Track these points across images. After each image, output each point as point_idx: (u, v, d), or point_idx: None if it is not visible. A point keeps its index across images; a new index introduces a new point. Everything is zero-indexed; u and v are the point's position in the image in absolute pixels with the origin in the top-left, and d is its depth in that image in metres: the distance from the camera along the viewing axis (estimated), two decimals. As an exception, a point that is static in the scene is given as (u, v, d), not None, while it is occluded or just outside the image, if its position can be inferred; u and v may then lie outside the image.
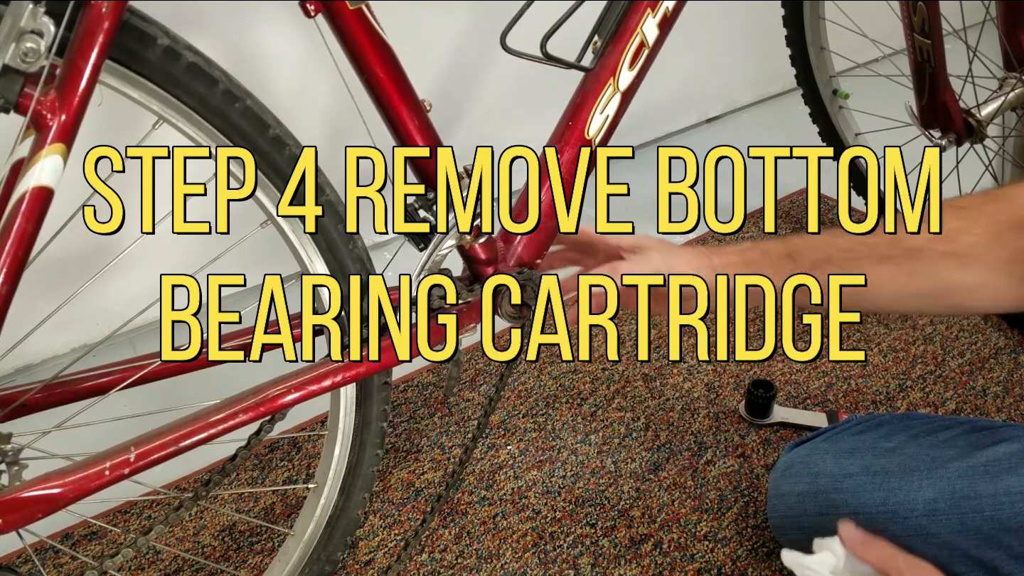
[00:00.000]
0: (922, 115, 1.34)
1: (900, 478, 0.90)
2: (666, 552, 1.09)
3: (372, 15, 0.79)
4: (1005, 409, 1.27)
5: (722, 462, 1.20)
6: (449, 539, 1.12)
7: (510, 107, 1.64)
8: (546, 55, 0.92)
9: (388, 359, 0.90)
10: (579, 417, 1.27)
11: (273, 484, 1.20)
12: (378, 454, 0.99)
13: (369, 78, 0.83)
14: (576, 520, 1.14)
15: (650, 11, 0.97)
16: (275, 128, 0.79)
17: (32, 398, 0.83)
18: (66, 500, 0.74)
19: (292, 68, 1.38)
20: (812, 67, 1.50)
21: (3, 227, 0.65)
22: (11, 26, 0.61)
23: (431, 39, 1.49)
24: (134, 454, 0.77)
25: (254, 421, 0.83)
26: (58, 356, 1.38)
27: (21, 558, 1.10)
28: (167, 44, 0.70)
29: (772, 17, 1.49)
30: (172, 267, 1.27)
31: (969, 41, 1.31)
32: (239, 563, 1.10)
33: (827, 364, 1.34)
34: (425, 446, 1.25)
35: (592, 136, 0.98)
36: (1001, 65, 1.31)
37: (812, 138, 1.60)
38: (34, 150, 0.64)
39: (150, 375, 0.87)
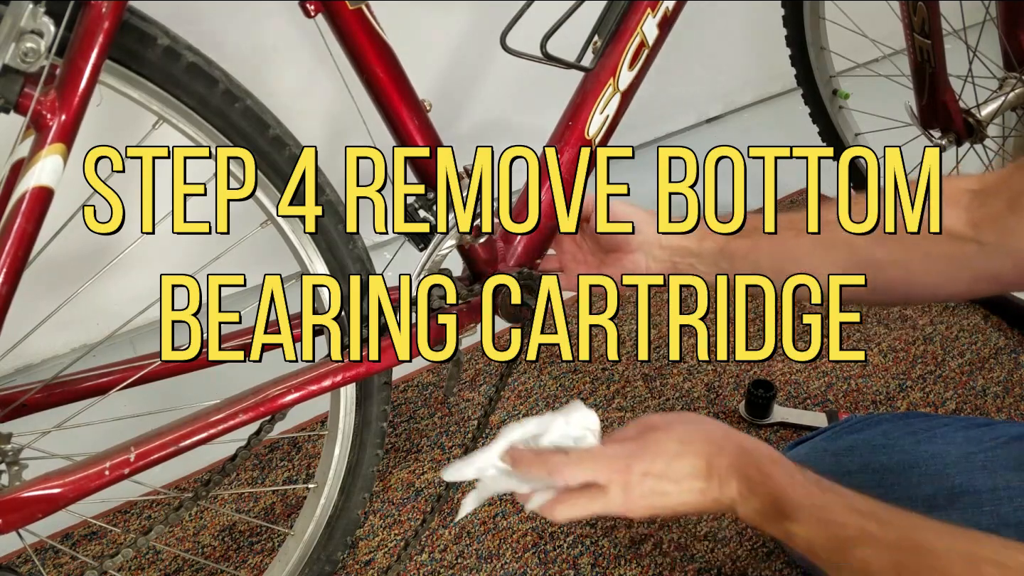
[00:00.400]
0: (922, 115, 1.34)
1: (899, 475, 0.90)
2: (666, 552, 1.09)
3: (372, 15, 0.79)
4: (1005, 409, 1.27)
5: (722, 462, 1.20)
6: (449, 539, 1.12)
7: (510, 107, 1.64)
8: (546, 55, 0.92)
9: (388, 359, 0.90)
10: (579, 417, 1.27)
11: (273, 484, 1.20)
12: (378, 454, 0.99)
13: (369, 78, 0.83)
14: (576, 520, 1.14)
15: (650, 11, 0.97)
16: (275, 128, 0.79)
17: (32, 398, 0.83)
18: (66, 500, 0.74)
19: (292, 68, 1.37)
20: (812, 67, 1.50)
21: (3, 227, 0.65)
22: (11, 26, 0.61)
23: (431, 39, 1.49)
24: (134, 454, 0.77)
25: (254, 421, 0.83)
26: (58, 356, 1.38)
27: (21, 558, 1.10)
28: (167, 44, 0.70)
29: (772, 17, 1.49)
30: (172, 267, 1.27)
31: (969, 41, 1.31)
32: (239, 563, 1.10)
33: (827, 364, 1.34)
34: (425, 446, 1.25)
35: (592, 136, 0.98)
36: (1001, 65, 1.31)
37: (812, 138, 1.60)
38: (34, 150, 0.64)
39: (150, 375, 0.87)
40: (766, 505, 0.70)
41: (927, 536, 0.64)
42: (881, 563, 0.63)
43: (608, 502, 0.73)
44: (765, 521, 0.71)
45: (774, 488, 0.70)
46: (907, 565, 0.63)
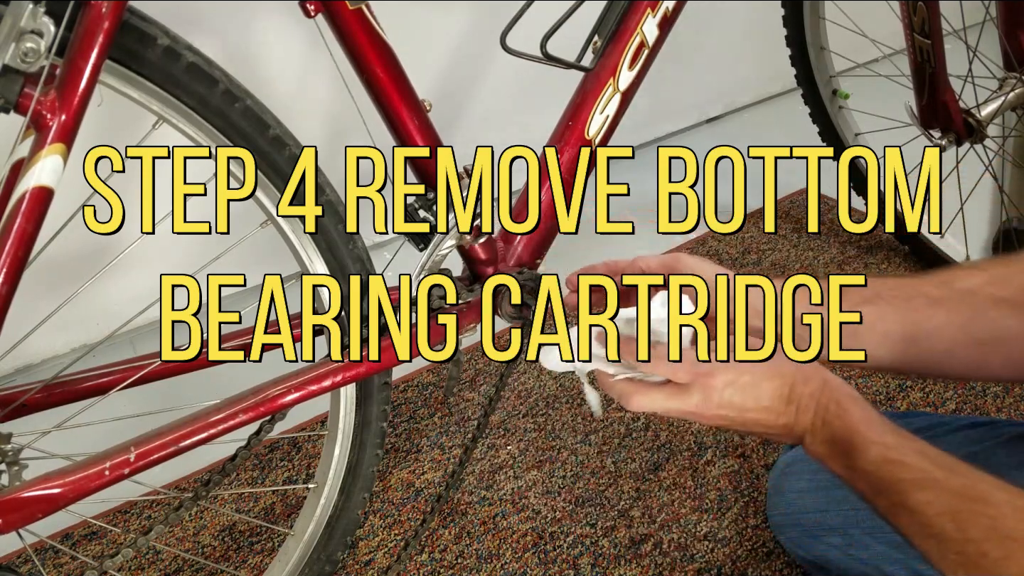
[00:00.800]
0: (922, 115, 1.34)
1: None
2: (666, 552, 1.09)
3: (372, 15, 0.79)
4: (1005, 409, 1.27)
5: (722, 462, 1.20)
6: (449, 539, 1.12)
7: (510, 107, 1.64)
8: (546, 55, 0.92)
9: (388, 359, 0.90)
10: (579, 417, 1.27)
11: (273, 484, 1.20)
12: (378, 454, 0.99)
13: (369, 78, 0.83)
14: (576, 520, 1.13)
15: (650, 11, 0.97)
16: (275, 128, 0.79)
17: (32, 398, 0.83)
18: (66, 500, 0.74)
19: (292, 68, 1.38)
20: (812, 67, 1.50)
21: (3, 227, 0.65)
22: (11, 26, 0.61)
23: (431, 39, 1.49)
24: (134, 454, 0.77)
25: (254, 421, 0.83)
26: (58, 356, 1.38)
27: (21, 558, 1.10)
28: (167, 44, 0.70)
29: (772, 17, 1.49)
30: (172, 267, 1.27)
31: (969, 41, 1.31)
32: (239, 563, 1.10)
33: (827, 364, 1.33)
34: (425, 446, 1.25)
35: (592, 136, 0.98)
36: (1001, 65, 1.31)
37: (812, 138, 1.60)
38: (34, 150, 0.64)
39: (150, 375, 0.87)
40: (837, 439, 0.70)
41: (990, 489, 0.64)
42: (939, 507, 0.64)
43: (685, 402, 0.74)
44: (831, 455, 0.71)
45: (850, 423, 0.70)
46: (962, 511, 0.63)
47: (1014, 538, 0.60)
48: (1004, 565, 0.60)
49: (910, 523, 0.66)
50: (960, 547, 0.62)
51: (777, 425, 0.74)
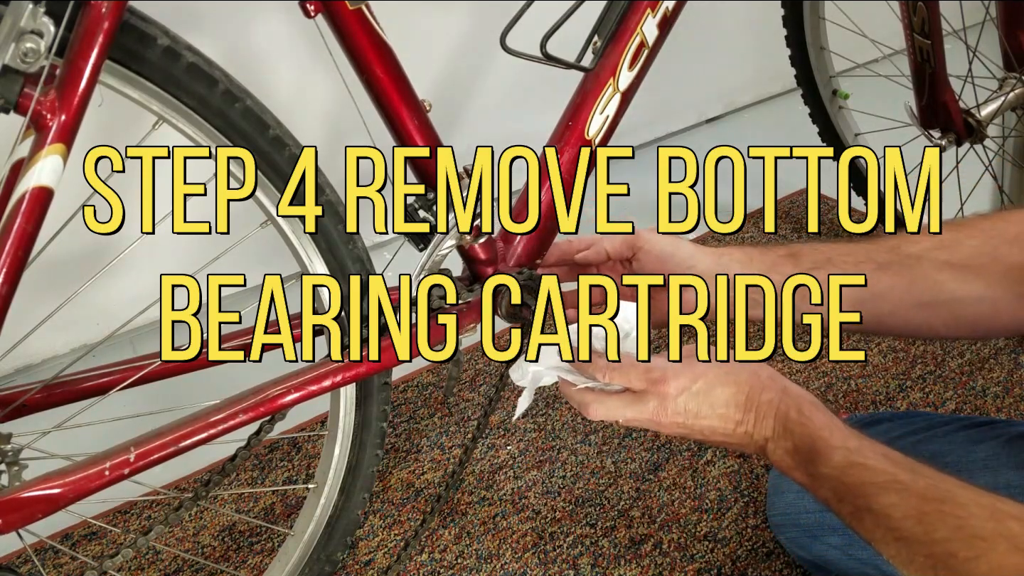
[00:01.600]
0: (922, 115, 1.34)
1: None
2: (666, 552, 1.09)
3: (372, 15, 0.79)
4: (1005, 409, 1.27)
5: (722, 462, 1.20)
6: (449, 539, 1.12)
7: (510, 107, 1.64)
8: (546, 55, 0.92)
9: (388, 359, 0.90)
10: (579, 417, 1.27)
11: (273, 484, 1.20)
12: (378, 454, 0.99)
13: (369, 78, 0.83)
14: (576, 520, 1.14)
15: (650, 11, 0.97)
16: (275, 128, 0.79)
17: (32, 398, 0.83)
18: (66, 500, 0.74)
19: (292, 68, 1.38)
20: (812, 67, 1.50)
21: (3, 227, 0.65)
22: (11, 26, 0.61)
23: (431, 39, 1.49)
24: (134, 454, 0.77)
25: (254, 421, 0.83)
26: (58, 356, 1.38)
27: (21, 558, 1.10)
28: (167, 44, 0.70)
29: (772, 17, 1.49)
30: (172, 267, 1.27)
31: (969, 41, 1.31)
32: (239, 563, 1.10)
33: (827, 364, 1.34)
34: (425, 446, 1.25)
35: (592, 136, 0.98)
36: (1001, 65, 1.31)
37: (812, 138, 1.60)
38: (34, 150, 0.64)
39: (150, 375, 0.87)
40: (800, 446, 0.70)
41: (953, 489, 0.63)
42: (905, 510, 0.63)
43: (641, 410, 0.74)
44: (794, 463, 0.71)
45: (811, 430, 0.70)
46: (930, 514, 0.62)
47: (982, 537, 0.60)
48: (973, 565, 0.59)
49: (875, 527, 0.65)
50: (928, 549, 0.61)
51: (737, 434, 0.73)
